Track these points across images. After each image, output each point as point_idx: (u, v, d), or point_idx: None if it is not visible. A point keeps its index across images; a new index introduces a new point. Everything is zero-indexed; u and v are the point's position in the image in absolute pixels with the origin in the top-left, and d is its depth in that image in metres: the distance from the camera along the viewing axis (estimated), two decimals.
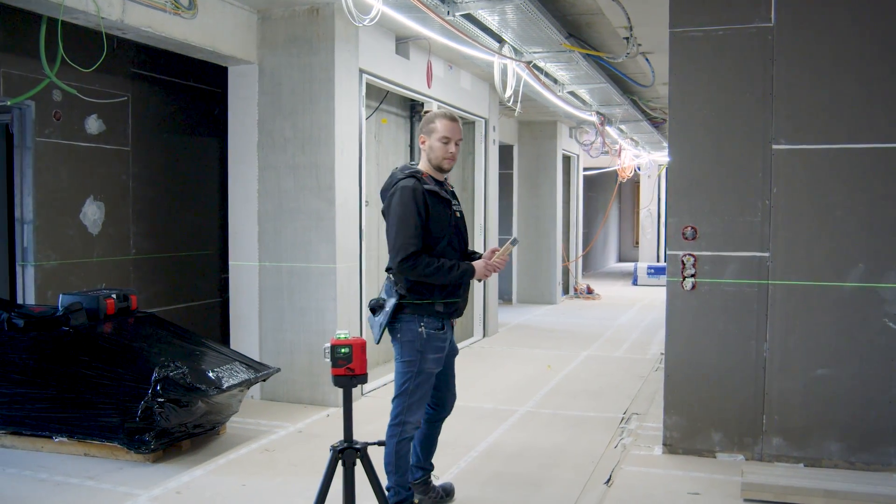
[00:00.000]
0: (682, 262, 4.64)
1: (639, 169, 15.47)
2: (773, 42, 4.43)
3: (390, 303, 3.48)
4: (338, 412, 5.62)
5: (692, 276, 4.63)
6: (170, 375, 4.31)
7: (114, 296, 4.93)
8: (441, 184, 3.60)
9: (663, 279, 15.45)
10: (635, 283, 15.74)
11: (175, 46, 5.22)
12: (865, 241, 4.34)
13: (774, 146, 4.46)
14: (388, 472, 3.54)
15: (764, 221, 4.49)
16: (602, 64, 7.02)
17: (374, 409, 5.78)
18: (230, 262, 6.03)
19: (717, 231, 4.57)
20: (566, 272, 13.51)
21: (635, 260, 20.78)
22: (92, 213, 6.10)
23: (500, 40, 5.85)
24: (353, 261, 5.98)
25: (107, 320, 4.84)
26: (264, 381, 4.89)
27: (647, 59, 7.00)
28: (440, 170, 3.59)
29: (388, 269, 3.59)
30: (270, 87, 5.81)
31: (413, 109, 8.32)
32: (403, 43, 6.69)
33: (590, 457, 4.71)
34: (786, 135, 4.44)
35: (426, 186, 3.47)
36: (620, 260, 22.83)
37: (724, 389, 4.59)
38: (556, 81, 7.53)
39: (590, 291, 13.47)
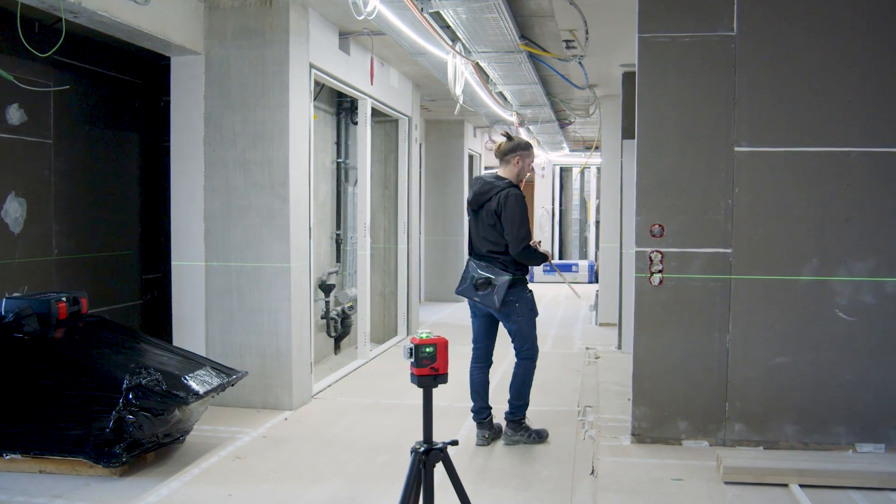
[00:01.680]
0: (650, 258, 4.82)
1: (543, 169, 15.86)
2: (736, 50, 4.68)
3: (503, 279, 4.74)
4: (294, 415, 5.48)
5: (659, 271, 4.82)
6: (142, 383, 4.06)
7: (64, 299, 4.58)
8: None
9: (559, 276, 15.94)
10: (532, 280, 16.06)
11: (126, 33, 4.91)
12: (818, 238, 4.67)
13: (736, 148, 4.71)
14: (519, 394, 4.96)
15: (727, 219, 4.74)
16: (540, 65, 7.17)
17: (334, 410, 5.67)
18: (172, 262, 5.72)
19: (683, 228, 4.78)
20: None
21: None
22: (13, 211, 5.65)
23: (455, 38, 5.85)
24: (306, 259, 5.84)
25: (59, 325, 4.50)
26: (232, 385, 4.69)
27: (580, 63, 7.20)
28: (519, 180, 4.97)
29: (490, 253, 4.85)
30: (218, 80, 5.56)
31: (340, 106, 8.20)
32: (345, 38, 6.58)
33: (564, 449, 4.81)
34: (747, 138, 4.70)
35: (521, 193, 4.82)
36: None
37: (689, 380, 4.81)
38: (488, 80, 7.61)
39: None
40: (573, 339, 8.92)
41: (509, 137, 5.01)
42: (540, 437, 5.00)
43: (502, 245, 4.81)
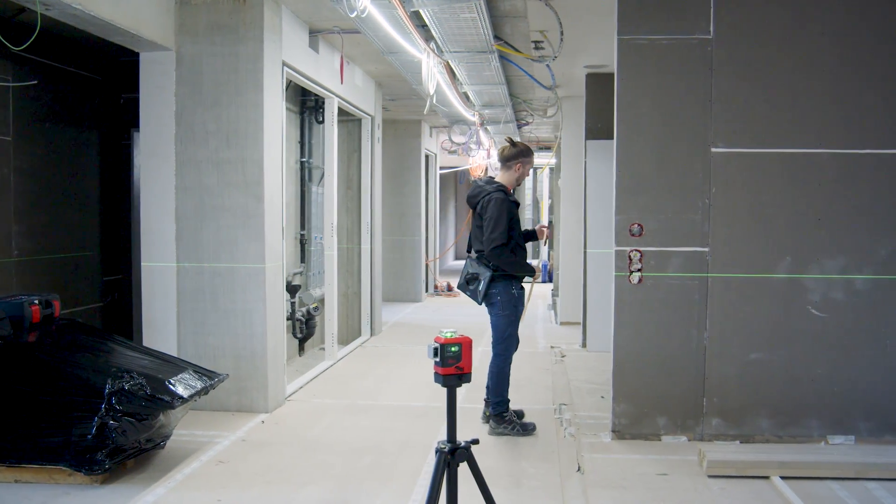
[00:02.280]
0: (630, 257, 4.89)
1: (496, 170, 15.92)
2: (712, 53, 4.79)
3: (486, 275, 5.04)
4: (271, 418, 5.40)
5: (639, 270, 4.89)
6: (125, 387, 3.95)
7: (37, 301, 4.43)
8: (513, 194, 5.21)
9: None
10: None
11: (98, 28, 4.76)
12: (792, 237, 4.80)
13: (713, 149, 4.82)
14: (493, 390, 5.15)
15: (704, 219, 4.84)
16: (507, 65, 7.20)
17: (310, 412, 5.61)
18: (142, 263, 5.57)
19: (662, 228, 4.87)
20: (425, 270, 13.66)
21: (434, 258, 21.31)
22: None
23: (429, 37, 5.84)
24: (280, 260, 5.76)
25: (32, 329, 4.34)
26: (213, 388, 4.59)
27: (547, 65, 7.26)
28: (517, 185, 5.29)
29: (477, 252, 5.16)
30: (190, 77, 5.44)
31: (304, 105, 8.12)
32: (314, 36, 6.51)
33: (547, 447, 4.85)
34: (724, 139, 4.81)
35: (511, 198, 5.10)
36: (458, 258, 23.35)
37: (668, 376, 4.90)
38: (455, 80, 7.62)
39: (450, 289, 13.72)
40: (537, 338, 8.99)
41: (513, 143, 5.17)
42: (525, 429, 5.09)
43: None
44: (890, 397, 4.78)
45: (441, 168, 15.73)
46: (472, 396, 5.90)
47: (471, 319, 10.61)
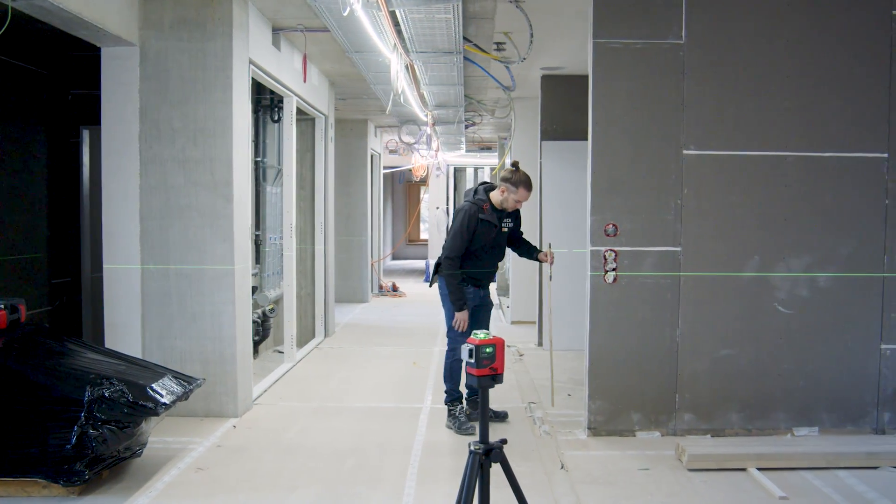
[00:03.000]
0: (604, 256, 4.98)
1: (439, 169, 15.95)
2: (684, 58, 4.91)
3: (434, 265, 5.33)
4: (242, 423, 5.30)
5: (613, 269, 4.99)
6: (106, 394, 3.82)
7: (3, 306, 4.23)
8: (498, 211, 5.19)
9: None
10: (427, 279, 16.15)
11: (63, 21, 4.56)
12: (759, 237, 4.97)
13: (685, 151, 4.95)
14: (445, 381, 5.35)
15: (676, 219, 4.96)
16: (468, 66, 7.22)
17: (280, 416, 5.51)
18: (104, 265, 5.38)
19: (636, 228, 4.97)
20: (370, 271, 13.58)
21: (407, 258, 21.36)
22: None
23: (399, 37, 5.81)
24: (247, 261, 5.65)
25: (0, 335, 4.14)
26: (192, 393, 4.47)
27: (507, 67, 7.32)
28: (501, 207, 5.20)
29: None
30: (155, 73, 5.28)
31: (259, 103, 7.96)
32: (276, 34, 6.40)
33: (526, 446, 4.89)
34: (695, 141, 4.94)
35: (481, 216, 5.10)
36: (393, 258, 23.29)
37: (642, 373, 5.01)
38: (415, 79, 7.60)
39: (395, 289, 13.67)
40: None
41: (514, 167, 5.17)
42: (460, 428, 5.17)
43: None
44: (850, 390, 4.99)
45: (386, 168, 15.66)
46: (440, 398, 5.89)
47: (421, 320, 10.64)
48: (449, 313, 5.32)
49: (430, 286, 5.60)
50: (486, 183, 5.43)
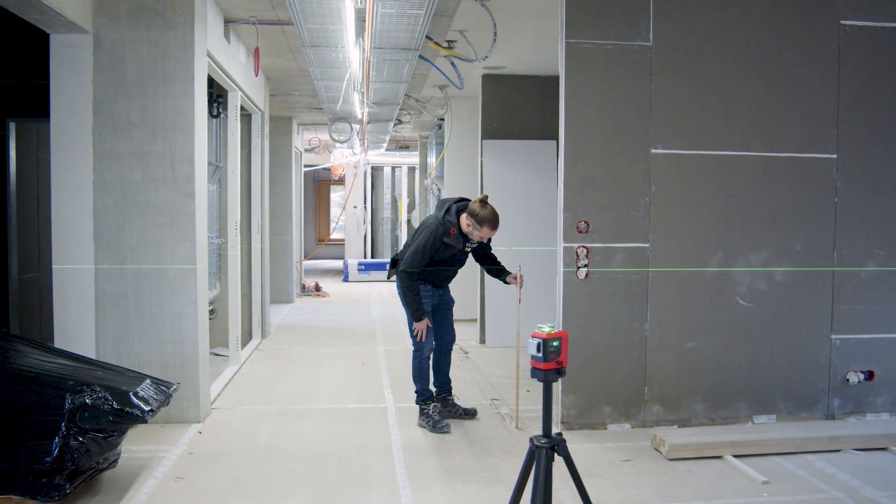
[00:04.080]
0: (577, 253, 5.06)
1: (356, 168, 15.79)
2: (652, 59, 5.06)
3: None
4: (206, 428, 5.11)
5: (585, 266, 5.08)
6: (88, 402, 3.60)
7: None
8: (464, 234, 5.07)
9: (374, 275, 16.03)
10: (346, 279, 16.02)
11: (16, 4, 4.28)
12: (722, 233, 5.17)
13: (653, 150, 5.09)
14: (414, 381, 5.33)
15: (645, 216, 5.10)
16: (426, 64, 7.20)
17: (244, 420, 5.34)
18: (53, 266, 5.06)
19: (607, 225, 5.08)
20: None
21: (318, 257, 21.03)
22: None
23: (361, 31, 5.73)
24: (206, 260, 5.44)
25: None
26: (171, 398, 4.26)
27: (453, 64, 7.33)
28: (464, 232, 5.09)
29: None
30: (111, 63, 5.01)
31: None
32: (227, 26, 6.20)
33: (503, 442, 4.91)
34: (662, 141, 5.09)
35: (446, 239, 5.02)
36: (304, 257, 22.92)
37: (612, 367, 5.12)
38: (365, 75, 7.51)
39: (318, 289, 13.47)
40: None
41: (483, 203, 5.03)
42: (434, 427, 5.13)
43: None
44: (804, 378, 5.26)
45: (306, 166, 15.40)
46: (408, 396, 5.87)
47: (354, 320, 10.53)
48: (410, 319, 5.26)
49: (389, 278, 5.57)
50: (461, 201, 5.19)
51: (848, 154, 5.24)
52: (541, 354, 2.66)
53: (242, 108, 7.96)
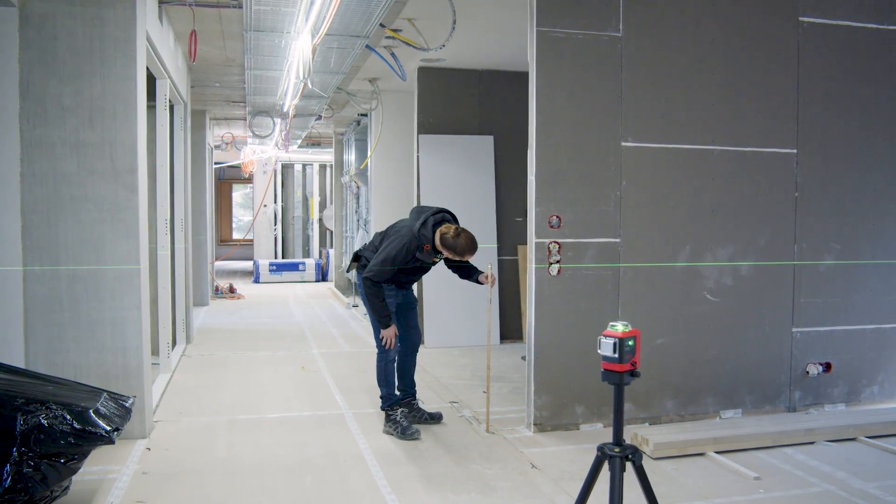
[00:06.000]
0: (549, 248, 4.91)
1: (266, 165, 15.20)
2: (622, 51, 4.96)
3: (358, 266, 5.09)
4: (154, 444, 4.67)
5: (557, 261, 4.93)
6: (44, 423, 3.16)
7: None
8: (436, 250, 4.78)
9: (286, 276, 15.54)
10: (257, 280, 15.43)
11: None
12: (691, 227, 5.14)
13: (623, 143, 5.00)
14: (380, 385, 5.11)
15: (616, 211, 5.00)
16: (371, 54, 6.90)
17: (193, 434, 4.92)
18: None
19: (579, 219, 4.95)
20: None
21: (218, 258, 20.23)
22: None
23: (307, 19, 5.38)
24: (147, 261, 4.97)
25: None
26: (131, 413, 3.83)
27: (393, 55, 7.07)
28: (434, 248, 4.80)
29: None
30: (40, 41, 4.50)
31: None
32: (161, 7, 5.73)
33: (478, 447, 4.69)
34: (632, 133, 5.01)
35: (417, 254, 4.78)
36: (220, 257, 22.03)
37: (585, 365, 4.99)
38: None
39: (232, 291, 12.88)
40: (362, 337, 8.73)
41: (456, 233, 4.71)
42: (404, 433, 4.88)
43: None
44: (768, 372, 5.30)
45: (216, 163, 14.72)
46: (361, 402, 5.57)
47: (277, 322, 10.11)
48: (375, 325, 4.99)
49: (347, 272, 5.48)
50: (441, 213, 4.85)
51: (807, 149, 5.31)
52: (616, 355, 2.47)
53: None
